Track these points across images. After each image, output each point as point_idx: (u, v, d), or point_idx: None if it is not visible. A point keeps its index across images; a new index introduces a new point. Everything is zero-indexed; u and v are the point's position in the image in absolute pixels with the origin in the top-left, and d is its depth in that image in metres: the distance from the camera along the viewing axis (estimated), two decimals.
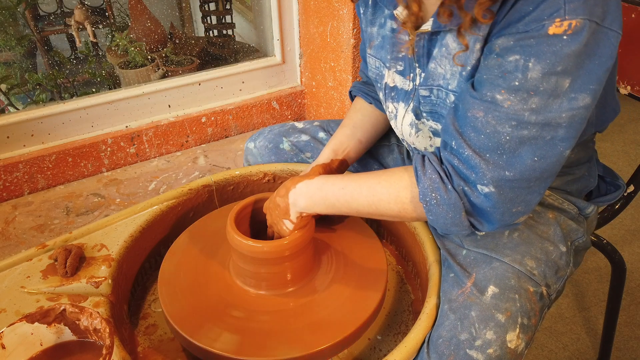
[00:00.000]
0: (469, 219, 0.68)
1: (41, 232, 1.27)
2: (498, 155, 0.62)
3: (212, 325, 0.76)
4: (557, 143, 0.61)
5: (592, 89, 0.59)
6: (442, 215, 0.68)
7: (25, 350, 0.67)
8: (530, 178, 0.63)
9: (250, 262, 0.80)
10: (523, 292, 0.71)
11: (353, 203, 0.75)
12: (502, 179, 0.63)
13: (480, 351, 0.67)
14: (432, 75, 0.73)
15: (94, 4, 2.00)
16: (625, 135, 2.25)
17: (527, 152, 0.61)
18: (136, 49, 1.81)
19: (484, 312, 0.69)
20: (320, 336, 0.75)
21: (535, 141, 0.61)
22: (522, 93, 0.59)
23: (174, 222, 1.00)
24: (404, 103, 0.80)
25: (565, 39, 0.56)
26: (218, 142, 1.65)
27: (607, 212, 1.05)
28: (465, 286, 0.73)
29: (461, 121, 0.65)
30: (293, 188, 0.78)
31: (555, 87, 0.58)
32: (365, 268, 0.86)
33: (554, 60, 0.57)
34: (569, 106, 0.59)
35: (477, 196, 0.65)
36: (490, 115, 0.61)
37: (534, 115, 0.59)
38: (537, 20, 0.57)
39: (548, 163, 0.62)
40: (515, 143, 0.61)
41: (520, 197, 0.65)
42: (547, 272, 0.75)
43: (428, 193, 0.67)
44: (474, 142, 0.63)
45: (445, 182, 0.66)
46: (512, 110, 0.60)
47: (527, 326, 0.70)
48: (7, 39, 1.82)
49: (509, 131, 0.60)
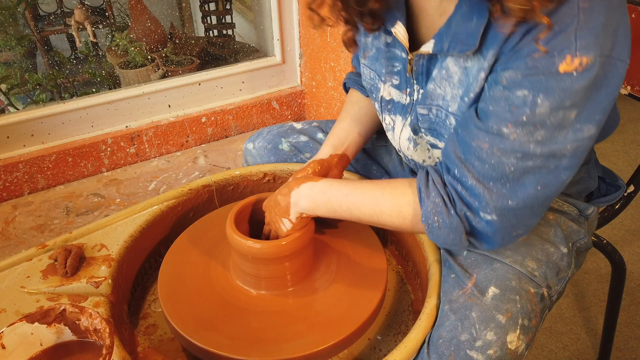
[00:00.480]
0: (469, 239, 0.69)
1: (41, 232, 1.27)
2: (502, 185, 0.62)
3: (212, 325, 0.76)
4: (561, 172, 0.61)
5: (597, 119, 0.59)
6: (443, 236, 0.68)
7: (25, 350, 0.67)
8: (532, 205, 0.63)
9: (250, 262, 0.80)
10: (524, 294, 0.71)
11: (355, 211, 0.75)
12: (505, 207, 0.63)
13: (480, 352, 0.67)
14: (431, 95, 0.71)
15: (94, 4, 2.00)
16: (625, 135, 2.25)
17: (530, 182, 0.61)
18: (136, 49, 1.81)
19: (484, 313, 0.69)
20: (320, 336, 0.75)
21: (539, 170, 0.61)
22: (529, 127, 0.59)
23: (174, 222, 1.00)
24: (402, 117, 0.79)
25: (576, 75, 0.55)
26: (218, 142, 1.65)
27: (607, 212, 1.05)
28: (466, 287, 0.73)
29: (464, 149, 0.64)
30: (296, 188, 0.78)
31: (562, 120, 0.58)
32: (365, 268, 0.86)
33: (563, 96, 0.56)
34: (574, 137, 0.59)
35: (479, 221, 0.65)
36: (495, 147, 0.61)
37: (540, 147, 0.59)
38: (548, 57, 0.56)
39: (551, 190, 0.63)
40: (520, 173, 0.61)
41: (522, 222, 0.66)
42: (548, 273, 0.75)
43: (430, 216, 0.68)
44: (478, 171, 0.63)
45: (449, 206, 0.66)
46: (517, 143, 0.60)
47: (527, 327, 0.70)
48: (7, 39, 1.82)
49: (514, 162, 0.60)
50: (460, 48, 0.63)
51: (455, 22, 0.63)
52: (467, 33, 0.61)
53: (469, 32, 0.61)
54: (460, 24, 0.62)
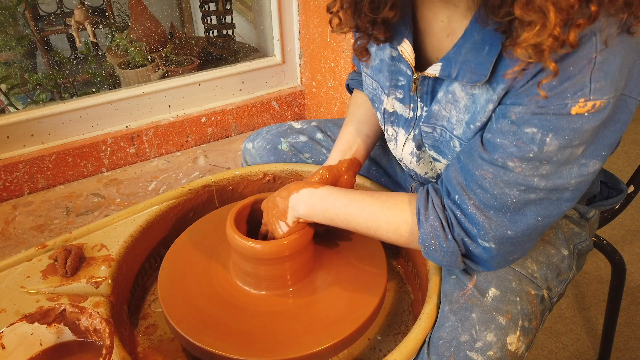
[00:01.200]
0: (465, 262, 0.69)
1: (41, 232, 1.27)
2: (502, 214, 0.62)
3: (212, 325, 0.76)
4: (562, 203, 0.62)
5: (604, 155, 0.59)
6: (439, 258, 0.69)
7: (25, 350, 0.67)
8: (531, 234, 0.64)
9: (250, 262, 0.80)
10: (524, 295, 0.72)
11: (352, 222, 0.75)
12: (504, 237, 0.63)
13: (480, 353, 0.67)
14: (436, 116, 0.70)
15: (94, 4, 2.00)
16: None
17: (531, 213, 0.62)
18: (136, 49, 1.81)
19: (484, 314, 0.69)
20: (320, 336, 0.75)
21: (541, 202, 0.61)
22: (535, 162, 0.58)
23: (174, 222, 1.00)
24: (404, 130, 0.78)
25: (587, 116, 0.55)
26: (218, 142, 1.65)
27: (607, 212, 1.05)
28: (466, 288, 0.73)
29: (466, 176, 0.64)
30: (296, 192, 0.78)
31: (569, 156, 0.58)
32: (365, 268, 0.86)
33: (573, 136, 0.56)
34: (579, 172, 0.59)
35: (476, 247, 0.66)
36: (499, 179, 0.61)
37: (544, 181, 0.59)
38: (560, 98, 0.54)
39: (550, 220, 0.63)
40: (521, 204, 0.61)
41: (518, 248, 0.66)
42: (549, 275, 0.75)
43: (427, 239, 0.68)
44: (480, 199, 0.63)
45: (446, 231, 0.67)
46: (522, 177, 0.60)
47: (527, 329, 0.70)
48: (7, 39, 1.82)
49: (517, 194, 0.61)
50: (470, 78, 0.61)
51: (465, 50, 0.61)
52: (478, 62, 0.60)
53: (480, 62, 0.59)
54: (470, 52, 0.60)
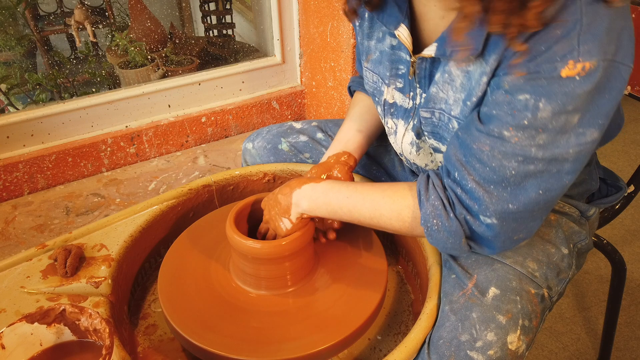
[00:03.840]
0: (469, 244, 0.68)
1: (41, 232, 1.27)
2: (502, 188, 0.62)
3: (212, 325, 0.76)
4: (563, 176, 0.61)
5: (601, 123, 0.59)
6: (442, 240, 0.68)
7: (25, 350, 0.67)
8: (533, 209, 0.63)
9: (250, 262, 0.80)
10: (524, 294, 0.71)
11: (355, 213, 0.75)
12: (506, 211, 0.63)
13: (480, 352, 0.67)
14: (434, 99, 0.71)
15: (94, 4, 2.00)
16: (625, 135, 2.25)
17: (532, 186, 0.61)
18: (136, 49, 1.81)
19: (484, 314, 0.69)
20: (320, 336, 0.75)
21: (541, 175, 0.61)
22: (531, 130, 0.58)
23: (174, 222, 1.00)
24: (404, 121, 0.79)
25: (578, 80, 0.55)
26: (218, 142, 1.65)
27: (607, 212, 1.05)
28: (466, 287, 0.73)
29: (465, 152, 0.64)
30: (298, 189, 0.78)
31: (565, 124, 0.58)
32: (365, 268, 0.86)
33: (565, 100, 0.56)
34: (577, 142, 0.59)
35: (479, 225, 0.65)
36: (496, 150, 0.61)
37: (541, 151, 0.59)
38: (550, 62, 0.55)
39: (552, 195, 0.62)
40: (521, 177, 0.61)
41: (523, 226, 0.65)
42: (549, 274, 0.75)
43: (430, 219, 0.68)
44: (479, 174, 0.63)
45: (448, 209, 0.66)
46: (519, 147, 0.59)
47: (528, 328, 0.70)
48: (7, 39, 1.82)
49: (515, 166, 0.60)
50: (463, 52, 0.63)
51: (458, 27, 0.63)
52: (470, 37, 0.61)
53: (472, 36, 0.61)
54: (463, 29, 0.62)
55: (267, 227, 0.84)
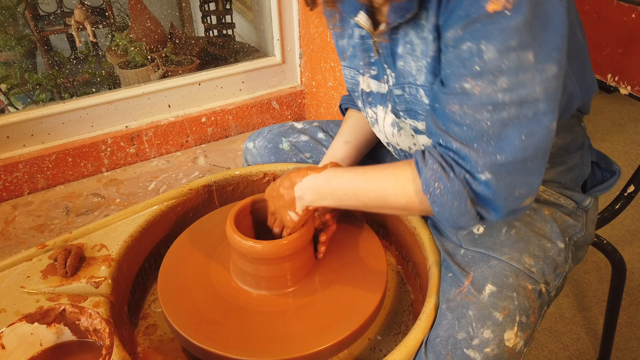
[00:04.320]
0: (476, 208, 0.66)
1: (41, 232, 1.27)
2: (485, 143, 0.61)
3: (212, 325, 0.76)
4: (541, 117, 0.60)
5: (555, 57, 0.60)
6: (448, 205, 0.65)
7: (25, 350, 0.67)
8: (524, 158, 0.62)
9: (250, 262, 0.80)
10: (521, 290, 0.71)
11: (360, 196, 0.74)
12: (496, 164, 0.61)
13: (477, 350, 0.67)
14: (402, 74, 0.73)
15: (94, 4, 2.00)
16: (625, 135, 2.25)
17: (513, 133, 0.60)
18: (136, 49, 1.81)
19: (481, 311, 0.69)
20: (320, 336, 0.75)
21: (518, 120, 0.60)
22: (487, 75, 0.59)
23: (174, 222, 1.00)
24: (382, 106, 0.80)
25: (508, 13, 0.56)
26: (218, 142, 1.65)
27: (607, 212, 1.05)
28: (463, 285, 0.73)
29: (442, 119, 0.65)
30: (299, 182, 0.77)
31: (519, 62, 0.58)
32: (365, 268, 0.86)
33: (504, 36, 0.57)
34: (540, 78, 0.59)
35: (478, 184, 0.63)
36: (465, 106, 0.61)
37: (508, 95, 0.59)
38: (474, 2, 0.58)
39: (538, 139, 0.61)
40: (498, 127, 0.60)
41: (520, 180, 0.63)
42: (546, 269, 0.75)
43: (431, 183, 0.65)
44: (459, 135, 0.63)
45: (447, 170, 0.65)
46: (484, 95, 0.60)
47: (525, 324, 0.70)
48: (7, 39, 1.82)
49: (488, 116, 0.60)
50: (402, 14, 0.66)
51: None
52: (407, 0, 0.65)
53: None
54: None
55: (275, 217, 0.84)
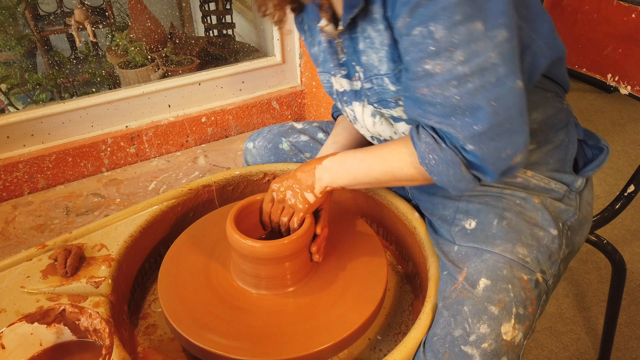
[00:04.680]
0: (471, 172, 0.69)
1: (41, 232, 1.27)
2: (460, 116, 0.64)
3: (212, 325, 0.76)
4: (504, 80, 0.62)
5: (503, 22, 0.61)
6: (444, 173, 0.69)
7: (25, 350, 0.67)
8: (500, 122, 0.63)
9: (250, 262, 0.80)
10: (516, 281, 0.71)
11: (371, 173, 0.77)
12: (475, 134, 0.64)
13: (475, 346, 0.67)
14: (368, 68, 0.76)
15: (94, 4, 2.00)
16: (625, 135, 2.25)
17: (482, 101, 0.62)
18: (136, 49, 1.81)
19: (476, 306, 0.69)
20: (320, 336, 0.75)
21: (484, 88, 0.62)
22: (444, 53, 0.61)
23: (174, 222, 1.00)
24: (358, 101, 0.83)
25: None
26: (218, 142, 1.65)
27: (607, 212, 1.05)
28: (457, 282, 0.73)
29: (416, 104, 0.68)
30: (319, 165, 0.81)
31: (469, 33, 0.60)
32: (365, 268, 0.86)
33: (448, 14, 0.59)
34: (492, 44, 0.61)
35: (467, 153, 0.66)
36: (432, 86, 0.64)
37: (467, 66, 0.61)
38: None
39: (507, 101, 0.63)
40: (468, 98, 0.63)
41: (503, 142, 0.65)
42: (541, 258, 0.75)
43: (426, 155, 0.69)
44: (435, 115, 0.66)
45: (439, 141, 0.68)
46: (446, 72, 0.62)
47: (523, 316, 0.70)
48: (7, 39, 1.82)
49: (455, 91, 0.62)
50: (350, 10, 0.69)
51: None
52: None
53: None
54: None
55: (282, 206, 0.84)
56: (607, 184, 1.93)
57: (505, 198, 0.80)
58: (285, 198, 0.83)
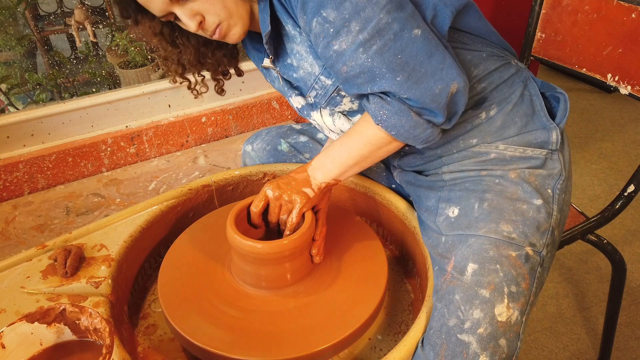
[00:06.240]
0: (422, 117, 0.72)
1: (41, 232, 1.27)
2: (382, 75, 0.69)
3: (212, 325, 0.76)
4: (400, 34, 0.68)
5: None
6: (398, 123, 0.72)
7: (25, 350, 0.68)
8: (414, 68, 0.69)
9: (250, 262, 0.80)
10: (504, 260, 0.71)
11: (353, 151, 0.79)
12: (403, 86, 0.69)
13: (470, 333, 0.66)
14: (308, 78, 0.84)
15: (94, 4, 2.00)
16: (625, 135, 2.25)
17: (390, 56, 0.68)
18: (136, 49, 1.81)
19: (467, 292, 0.69)
20: (320, 336, 0.75)
21: (387, 46, 0.68)
22: (342, 29, 0.68)
23: (174, 222, 1.00)
24: (315, 110, 0.89)
25: None
26: (218, 142, 1.65)
27: (607, 212, 1.05)
28: (446, 272, 0.73)
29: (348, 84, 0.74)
30: (309, 167, 0.83)
31: (355, 5, 0.67)
32: (365, 268, 0.86)
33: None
34: (378, 7, 0.67)
35: (408, 100, 0.71)
36: (347, 61, 0.70)
37: (365, 33, 0.67)
38: None
39: (411, 48, 0.68)
40: (378, 59, 0.68)
41: (430, 82, 0.69)
42: (528, 231, 0.74)
43: (377, 113, 0.73)
44: (365, 84, 0.71)
45: (385, 98, 0.72)
46: (350, 44, 0.69)
47: (516, 293, 0.69)
48: (7, 39, 1.82)
49: (365, 56, 0.69)
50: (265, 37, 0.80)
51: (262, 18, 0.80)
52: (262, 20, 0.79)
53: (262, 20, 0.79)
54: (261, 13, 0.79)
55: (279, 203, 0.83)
56: (607, 184, 1.93)
57: (484, 180, 0.80)
58: (282, 195, 0.82)
